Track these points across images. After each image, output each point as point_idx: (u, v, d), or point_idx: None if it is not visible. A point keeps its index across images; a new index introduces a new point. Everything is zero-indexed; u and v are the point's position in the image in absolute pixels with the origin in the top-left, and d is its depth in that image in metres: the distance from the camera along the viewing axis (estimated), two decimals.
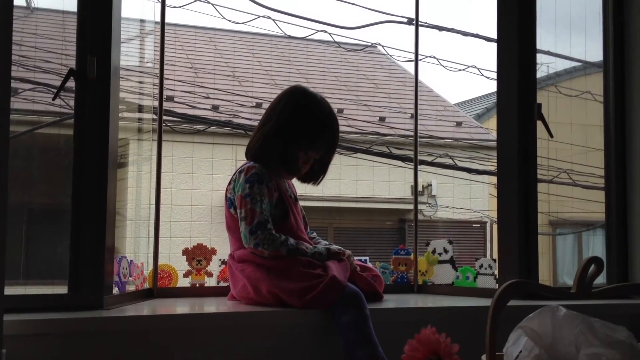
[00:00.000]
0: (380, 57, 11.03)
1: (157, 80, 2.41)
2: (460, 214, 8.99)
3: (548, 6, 2.62)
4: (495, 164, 2.60)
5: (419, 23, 2.89)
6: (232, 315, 1.94)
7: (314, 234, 2.35)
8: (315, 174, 2.24)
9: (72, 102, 2.00)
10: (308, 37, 7.63)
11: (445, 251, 2.63)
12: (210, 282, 2.43)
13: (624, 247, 2.59)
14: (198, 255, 2.42)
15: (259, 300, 2.03)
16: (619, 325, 1.46)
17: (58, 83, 2.00)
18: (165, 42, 2.42)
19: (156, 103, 2.43)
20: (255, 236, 2.01)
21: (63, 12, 2.60)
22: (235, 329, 1.89)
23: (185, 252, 2.42)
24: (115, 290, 2.07)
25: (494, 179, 7.88)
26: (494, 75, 2.57)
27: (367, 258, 2.48)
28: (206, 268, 2.41)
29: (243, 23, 6.88)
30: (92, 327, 1.76)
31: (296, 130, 2.12)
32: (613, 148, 2.64)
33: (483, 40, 7.03)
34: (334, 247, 2.18)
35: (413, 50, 2.87)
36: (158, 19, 2.42)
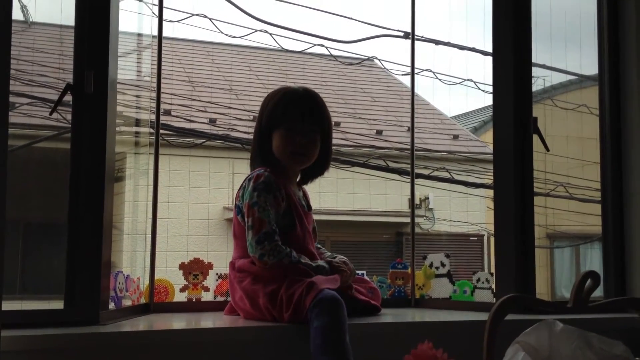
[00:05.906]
0: (377, 71, 11.07)
1: (154, 94, 2.41)
2: (457, 227, 8.99)
3: (543, 20, 2.64)
4: (492, 177, 2.61)
5: (415, 37, 2.91)
6: (229, 330, 1.93)
7: (319, 245, 2.33)
8: (319, 159, 2.18)
9: (69, 116, 1.99)
10: (305, 51, 7.66)
11: (443, 265, 2.62)
12: (207, 296, 2.42)
13: (621, 261, 2.59)
14: (194, 269, 2.41)
15: (256, 314, 2.01)
16: (616, 339, 1.46)
17: (55, 97, 2.00)
18: (163, 56, 2.42)
19: (153, 117, 2.43)
20: (262, 246, 1.98)
21: (60, 26, 2.60)
22: (232, 345, 1.88)
23: (182, 266, 2.42)
24: (112, 306, 2.06)
25: (490, 192, 7.88)
26: (490, 89, 2.58)
27: (363, 272, 2.47)
28: (203, 283, 2.40)
29: (240, 37, 6.91)
30: (88, 342, 1.75)
31: (269, 116, 2.13)
32: (609, 161, 2.64)
33: (479, 54, 7.07)
34: (337, 259, 2.15)
35: (409, 63, 2.89)
36: (155, 32, 2.42)
